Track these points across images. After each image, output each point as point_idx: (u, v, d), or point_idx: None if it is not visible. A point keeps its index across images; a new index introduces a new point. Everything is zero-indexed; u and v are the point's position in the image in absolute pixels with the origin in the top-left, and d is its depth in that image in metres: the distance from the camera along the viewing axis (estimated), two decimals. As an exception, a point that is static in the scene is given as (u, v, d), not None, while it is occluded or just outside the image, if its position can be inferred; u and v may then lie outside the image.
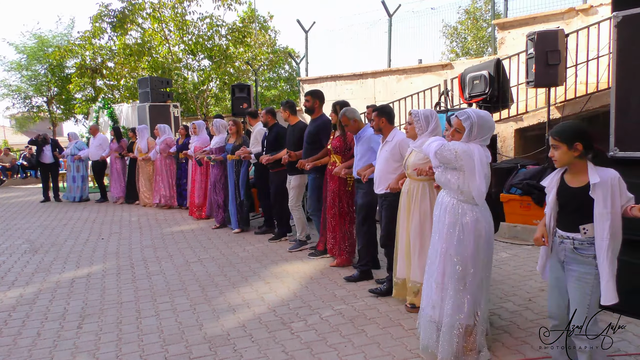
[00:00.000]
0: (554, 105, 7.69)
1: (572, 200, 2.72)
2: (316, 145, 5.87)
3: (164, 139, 9.93)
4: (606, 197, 2.59)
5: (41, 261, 6.31)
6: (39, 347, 3.78)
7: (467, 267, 3.22)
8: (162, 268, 5.81)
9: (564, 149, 2.68)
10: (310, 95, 6.00)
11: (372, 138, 4.94)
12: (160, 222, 8.69)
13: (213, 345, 3.68)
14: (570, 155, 2.68)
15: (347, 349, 3.55)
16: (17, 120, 27.34)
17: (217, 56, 17.58)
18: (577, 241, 2.70)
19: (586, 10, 8.60)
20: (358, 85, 12.83)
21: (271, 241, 6.93)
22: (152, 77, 13.67)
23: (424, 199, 4.04)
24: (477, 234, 3.23)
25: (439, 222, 3.36)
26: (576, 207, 2.71)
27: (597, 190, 2.61)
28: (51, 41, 21.78)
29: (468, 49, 22.86)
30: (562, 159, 2.71)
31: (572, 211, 2.73)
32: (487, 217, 3.30)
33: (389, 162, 4.52)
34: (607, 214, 2.59)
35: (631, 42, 3.58)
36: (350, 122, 5.09)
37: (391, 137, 4.56)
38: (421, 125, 4.05)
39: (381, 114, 4.60)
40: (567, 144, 2.66)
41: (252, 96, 12.07)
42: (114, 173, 11.34)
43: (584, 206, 2.65)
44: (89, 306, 4.63)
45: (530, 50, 7.08)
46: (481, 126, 3.18)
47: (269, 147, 6.80)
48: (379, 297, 4.56)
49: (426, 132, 4.03)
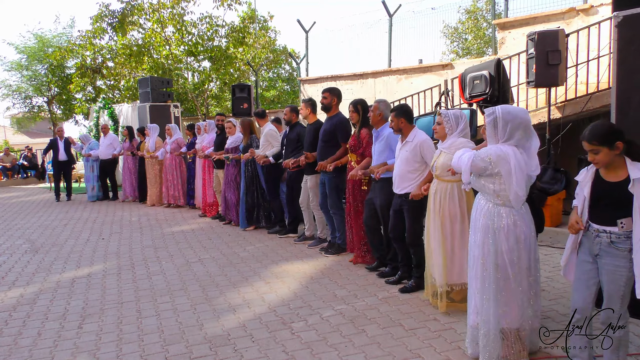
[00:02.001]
0: (554, 105, 7.68)
1: (608, 195, 2.74)
2: (331, 144, 5.83)
3: (175, 139, 9.99)
4: None
5: (42, 261, 6.31)
6: (40, 347, 3.79)
7: (506, 272, 3.11)
8: (163, 268, 5.81)
9: (605, 151, 2.69)
10: (328, 92, 5.94)
11: (391, 137, 4.93)
12: (160, 222, 8.69)
13: (213, 345, 3.68)
14: (612, 155, 2.69)
15: (348, 349, 3.55)
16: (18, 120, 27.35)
17: (217, 57, 17.58)
18: (614, 235, 2.72)
19: (587, 10, 8.59)
20: (358, 85, 12.83)
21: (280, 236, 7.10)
22: (153, 77, 13.67)
23: (452, 200, 4.02)
24: (515, 238, 3.11)
25: (475, 226, 3.27)
26: (613, 201, 2.72)
27: (636, 185, 2.63)
28: (51, 41, 21.79)
29: (469, 48, 22.86)
30: (605, 161, 2.71)
31: (608, 205, 2.75)
32: (526, 220, 3.16)
33: (410, 162, 4.50)
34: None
35: (631, 42, 3.58)
36: (377, 112, 5.04)
37: (412, 137, 4.53)
38: (451, 125, 4.03)
39: (400, 114, 4.56)
40: (608, 145, 2.67)
41: (253, 96, 12.07)
42: (126, 172, 11.45)
43: (622, 200, 2.67)
44: (90, 306, 4.63)
45: (530, 50, 7.08)
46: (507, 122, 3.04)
47: (291, 146, 6.71)
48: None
49: (456, 132, 4.03)
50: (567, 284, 4.67)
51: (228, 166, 7.99)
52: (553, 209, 6.45)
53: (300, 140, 6.59)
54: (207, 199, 9.01)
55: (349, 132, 5.81)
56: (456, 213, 4.01)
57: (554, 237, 6.31)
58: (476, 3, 22.05)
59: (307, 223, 6.75)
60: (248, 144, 7.50)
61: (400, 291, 4.67)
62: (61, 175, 12.07)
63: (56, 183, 12.19)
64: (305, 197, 6.55)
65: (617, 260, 2.73)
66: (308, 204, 6.57)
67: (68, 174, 12.21)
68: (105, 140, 11.63)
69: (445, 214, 4.03)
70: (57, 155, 11.87)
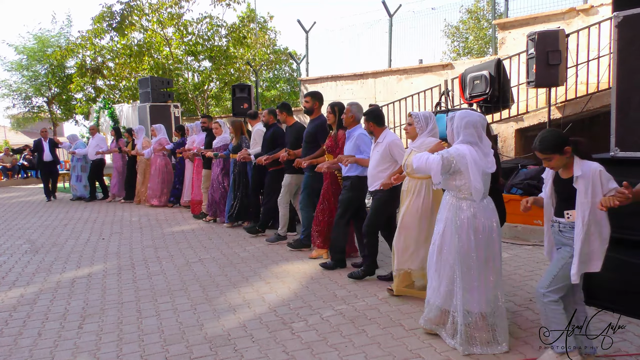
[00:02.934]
0: (554, 106, 7.69)
1: (563, 190, 3.07)
2: (314, 145, 6.08)
3: (159, 139, 10.31)
4: (587, 188, 2.89)
5: (42, 261, 6.31)
6: (40, 347, 3.78)
7: (465, 262, 3.40)
8: (163, 268, 5.81)
9: (557, 157, 2.97)
10: (310, 96, 6.20)
11: (360, 137, 5.22)
12: (161, 222, 8.69)
13: (214, 345, 3.68)
14: (564, 159, 2.98)
15: (348, 349, 3.55)
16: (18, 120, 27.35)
17: (217, 57, 17.58)
18: (562, 224, 3.07)
19: (587, 10, 8.60)
20: (359, 85, 12.83)
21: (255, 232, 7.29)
22: (153, 77, 13.68)
23: (420, 195, 4.33)
24: (474, 229, 3.39)
25: (439, 218, 3.60)
26: (565, 196, 3.04)
27: (579, 182, 2.93)
28: (50, 41, 21.78)
29: (470, 48, 22.86)
30: (559, 165, 3.03)
31: (562, 199, 3.08)
32: (487, 213, 3.44)
33: (381, 162, 4.79)
34: (587, 203, 2.89)
35: (632, 42, 3.58)
36: (350, 114, 5.28)
37: (382, 138, 4.82)
38: (421, 125, 4.32)
39: (369, 118, 4.89)
40: (558, 152, 2.96)
41: (253, 96, 12.08)
42: (114, 172, 11.66)
43: (571, 194, 2.98)
44: (90, 306, 4.63)
45: (530, 50, 7.08)
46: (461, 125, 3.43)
47: (265, 147, 7.05)
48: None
49: (425, 131, 4.31)
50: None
51: (213, 166, 8.30)
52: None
53: (275, 139, 6.91)
54: (194, 198, 9.23)
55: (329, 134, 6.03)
56: (426, 207, 4.32)
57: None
58: (477, 3, 22.06)
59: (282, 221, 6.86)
60: (238, 144, 7.70)
61: (349, 276, 5.09)
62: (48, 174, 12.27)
63: (45, 183, 12.32)
64: (284, 196, 6.72)
65: (564, 247, 3.07)
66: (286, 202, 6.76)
67: (54, 173, 12.38)
68: (93, 142, 11.80)
69: (416, 208, 4.34)
70: (42, 156, 12.05)
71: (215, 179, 8.24)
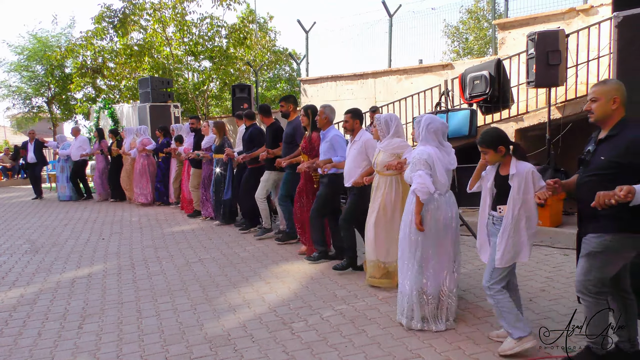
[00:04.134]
0: (554, 106, 7.68)
1: (501, 186, 3.38)
2: (293, 145, 6.45)
3: (141, 139, 10.73)
4: (520, 185, 3.25)
5: (42, 261, 6.31)
6: (40, 347, 3.79)
7: (426, 248, 3.81)
8: (163, 268, 5.81)
9: (491, 153, 3.33)
10: (284, 100, 6.61)
11: (335, 138, 5.53)
12: (160, 222, 8.69)
13: (214, 346, 3.68)
14: (498, 156, 3.34)
15: (348, 349, 3.55)
16: (18, 120, 27.35)
17: (218, 57, 17.58)
18: (495, 217, 3.41)
19: (587, 10, 8.59)
20: (358, 85, 12.83)
21: (242, 231, 7.59)
22: (153, 78, 13.67)
23: (390, 191, 4.67)
24: (435, 220, 3.78)
25: (408, 211, 3.92)
26: (502, 192, 3.36)
27: (513, 179, 3.27)
28: (50, 41, 21.77)
29: (470, 48, 22.86)
30: (492, 160, 3.38)
31: (500, 194, 3.39)
32: (448, 205, 3.85)
33: (357, 159, 5.13)
34: (519, 199, 3.25)
35: (632, 43, 3.58)
36: (323, 116, 5.59)
37: (359, 137, 5.18)
38: (382, 129, 4.67)
39: (356, 116, 5.26)
40: (492, 148, 3.32)
41: (253, 96, 12.08)
42: (97, 173, 11.95)
43: (506, 190, 3.32)
44: (90, 306, 4.63)
45: (530, 51, 7.08)
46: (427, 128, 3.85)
47: (244, 146, 7.51)
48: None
49: (389, 135, 4.65)
50: (567, 284, 4.68)
51: (203, 165, 8.59)
52: (553, 209, 6.45)
53: (253, 139, 7.33)
54: (185, 196, 9.52)
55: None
56: (394, 201, 4.66)
57: (554, 238, 6.31)
58: (477, 3, 22.06)
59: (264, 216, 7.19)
60: (221, 144, 8.02)
61: (333, 268, 5.40)
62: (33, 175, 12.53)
63: (32, 183, 12.61)
64: (262, 192, 7.04)
65: (495, 238, 3.37)
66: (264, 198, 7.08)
67: (37, 174, 12.57)
68: (76, 143, 12.02)
69: (385, 203, 4.67)
70: (27, 157, 12.34)
71: (206, 177, 8.52)
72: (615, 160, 2.84)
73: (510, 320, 3.30)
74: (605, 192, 2.64)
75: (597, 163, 2.94)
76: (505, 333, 3.43)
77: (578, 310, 3.52)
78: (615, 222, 2.86)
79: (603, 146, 2.95)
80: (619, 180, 2.68)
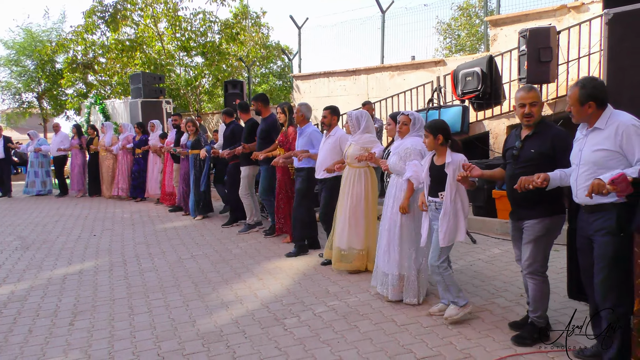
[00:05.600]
0: (545, 102, 7.72)
1: (436, 174, 3.83)
2: (267, 140, 6.74)
3: (126, 136, 10.96)
4: (455, 172, 3.66)
5: (33, 258, 6.27)
6: (31, 344, 3.77)
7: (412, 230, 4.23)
8: (155, 265, 5.79)
9: (431, 138, 3.82)
10: (254, 100, 7.01)
11: (312, 134, 5.90)
12: (153, 219, 8.66)
13: (206, 342, 3.68)
14: (435, 143, 3.82)
15: (340, 344, 3.56)
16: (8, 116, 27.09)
17: (210, 52, 17.48)
18: (437, 203, 3.82)
19: (578, 7, 8.64)
20: (351, 81, 12.82)
21: (224, 226, 7.78)
22: (145, 73, 13.58)
23: (359, 182, 5.03)
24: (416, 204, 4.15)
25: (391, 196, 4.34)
26: (439, 180, 3.80)
27: (449, 167, 3.73)
28: (41, 36, 21.55)
29: (462, 45, 22.88)
30: (430, 145, 3.87)
31: (436, 182, 3.82)
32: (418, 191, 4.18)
33: (331, 153, 5.46)
34: (454, 184, 3.72)
35: (622, 40, 3.60)
36: (300, 113, 5.94)
37: (334, 132, 5.55)
38: (353, 125, 5.03)
39: (334, 113, 5.63)
40: (433, 134, 3.81)
41: (245, 92, 12.04)
42: (74, 168, 11.99)
43: (442, 178, 3.77)
44: (81, 303, 4.61)
45: (522, 47, 7.12)
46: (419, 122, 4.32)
47: (225, 143, 7.74)
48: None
49: (359, 130, 5.01)
50: (558, 279, 4.71)
51: (182, 161, 8.79)
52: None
53: (235, 136, 7.56)
54: (165, 189, 9.82)
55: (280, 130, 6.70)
56: (362, 192, 5.01)
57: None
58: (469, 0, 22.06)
59: (249, 212, 7.39)
60: (196, 140, 8.33)
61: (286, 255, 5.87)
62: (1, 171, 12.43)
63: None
64: (243, 188, 7.29)
65: (437, 222, 3.79)
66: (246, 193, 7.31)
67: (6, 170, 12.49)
68: (56, 138, 12.16)
69: (353, 193, 5.02)
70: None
71: (186, 173, 8.70)
72: (542, 152, 3.28)
73: (454, 291, 3.85)
74: (527, 177, 3.08)
75: (526, 156, 3.34)
76: (444, 307, 3.96)
77: (578, 310, 3.56)
78: (550, 206, 3.31)
79: (530, 142, 3.35)
80: (543, 169, 3.12)
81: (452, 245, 3.83)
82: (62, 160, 12.23)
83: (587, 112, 2.96)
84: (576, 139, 3.14)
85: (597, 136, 2.94)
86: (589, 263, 3.08)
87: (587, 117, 2.98)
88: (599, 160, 2.89)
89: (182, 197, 8.94)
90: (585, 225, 3.06)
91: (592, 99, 2.93)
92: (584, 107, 2.96)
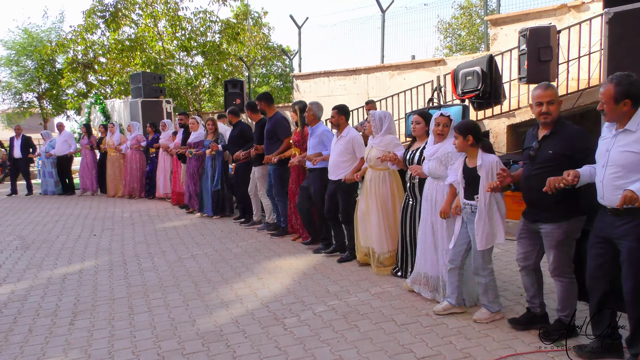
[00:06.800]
0: (545, 102, 7.71)
1: (469, 177, 3.71)
2: (274, 140, 6.68)
3: (135, 135, 11.00)
4: (487, 174, 3.58)
5: (33, 257, 6.27)
6: (31, 343, 3.77)
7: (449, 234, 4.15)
8: (155, 264, 5.79)
9: (461, 139, 3.69)
10: (258, 100, 6.94)
11: (324, 134, 5.81)
12: (153, 218, 8.66)
13: (206, 341, 3.68)
14: (466, 144, 3.69)
15: (340, 344, 3.56)
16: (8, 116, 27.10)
17: (210, 52, 17.49)
18: (473, 206, 3.71)
19: (578, 6, 8.63)
20: (351, 81, 12.82)
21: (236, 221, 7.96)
22: (145, 73, 13.59)
23: (384, 183, 4.98)
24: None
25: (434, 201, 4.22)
26: (472, 182, 3.69)
27: (481, 170, 3.62)
28: (40, 35, 21.56)
29: (462, 44, 22.89)
30: (460, 147, 3.74)
31: (470, 185, 3.72)
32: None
33: (343, 154, 5.37)
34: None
35: (622, 39, 3.60)
36: (311, 112, 5.86)
37: (346, 132, 5.41)
38: (376, 125, 4.92)
39: (342, 113, 5.48)
40: (463, 135, 3.67)
41: (245, 92, 12.04)
42: (84, 167, 12.05)
43: (476, 180, 3.64)
44: (81, 302, 4.61)
45: (522, 47, 7.10)
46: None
47: (233, 143, 7.66)
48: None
49: (382, 131, 4.90)
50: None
51: (190, 160, 8.75)
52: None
53: (244, 136, 7.55)
54: (176, 189, 9.80)
55: (288, 128, 6.73)
56: (388, 194, 4.97)
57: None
58: (470, -1, 22.07)
59: (255, 209, 7.60)
60: (215, 140, 8.22)
61: (338, 261, 5.53)
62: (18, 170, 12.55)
63: (12, 178, 12.76)
64: (253, 186, 7.39)
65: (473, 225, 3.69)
66: (256, 192, 7.40)
67: (24, 170, 12.56)
68: (61, 138, 12.18)
69: (379, 195, 4.96)
70: (12, 152, 12.35)
71: (194, 173, 8.69)
72: (561, 152, 3.22)
73: (492, 296, 3.79)
74: (555, 177, 3.01)
75: (544, 156, 3.28)
76: (448, 306, 3.95)
77: (578, 310, 3.56)
78: (568, 209, 3.26)
79: (547, 142, 3.30)
80: (560, 170, 3.05)
81: (491, 247, 3.76)
82: (66, 159, 12.24)
83: (622, 111, 2.85)
84: (603, 137, 3.03)
85: (627, 138, 2.85)
86: (599, 263, 3.04)
87: (621, 115, 2.86)
88: (627, 163, 2.81)
89: (190, 195, 8.94)
90: (606, 227, 2.97)
91: (628, 97, 2.82)
92: (619, 105, 2.84)
